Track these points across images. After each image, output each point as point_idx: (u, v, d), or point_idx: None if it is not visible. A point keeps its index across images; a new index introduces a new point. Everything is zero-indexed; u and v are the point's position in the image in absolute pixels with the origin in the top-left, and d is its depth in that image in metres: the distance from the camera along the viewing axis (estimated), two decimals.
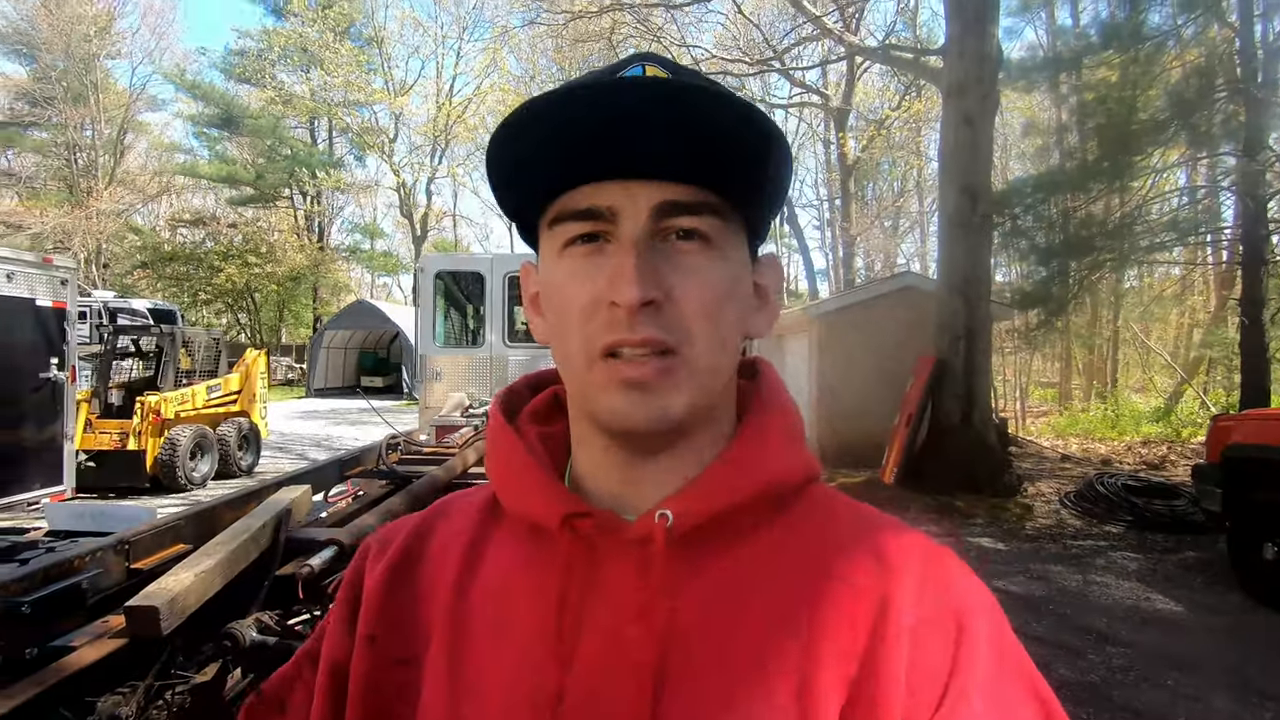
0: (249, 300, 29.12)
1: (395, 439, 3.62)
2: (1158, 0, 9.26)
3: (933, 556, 0.46)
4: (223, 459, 8.30)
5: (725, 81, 14.60)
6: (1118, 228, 10.09)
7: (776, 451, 0.47)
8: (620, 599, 0.43)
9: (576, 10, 15.53)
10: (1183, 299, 16.57)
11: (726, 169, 0.43)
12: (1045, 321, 10.28)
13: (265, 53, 27.89)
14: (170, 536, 1.97)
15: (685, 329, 0.42)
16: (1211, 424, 5.32)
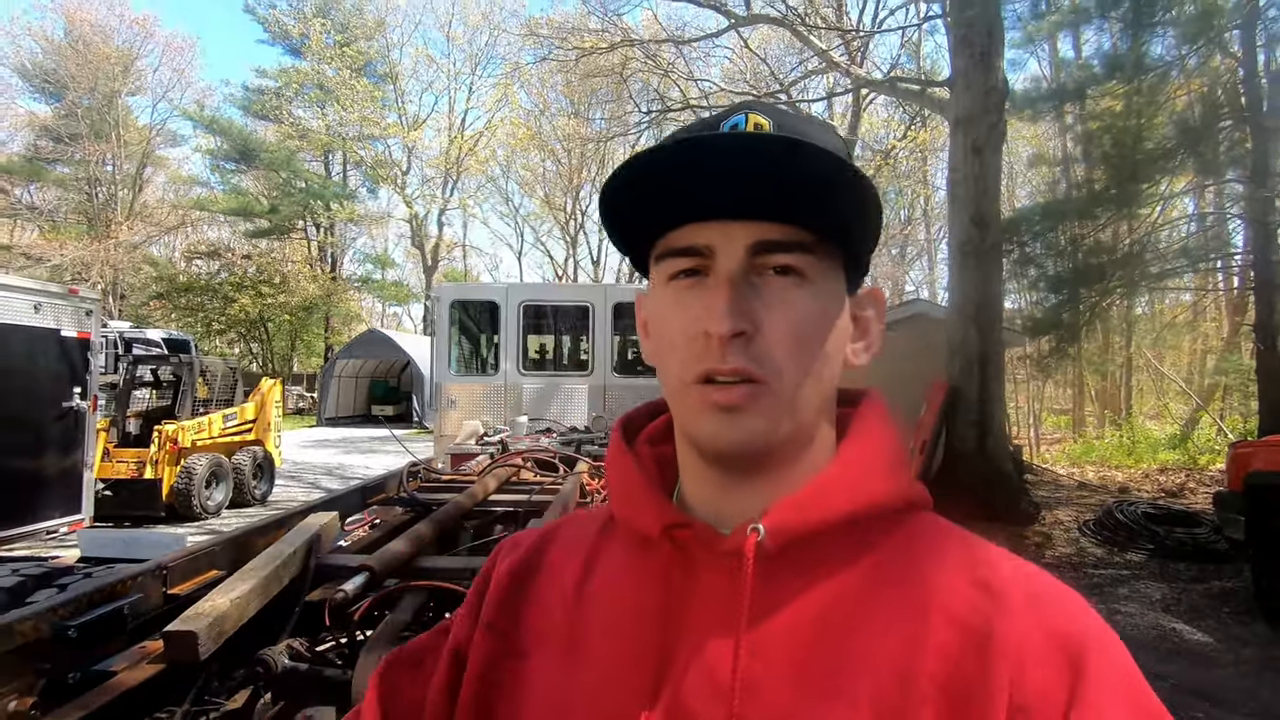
0: (262, 330, 29.43)
1: (416, 466, 3.64)
2: (1159, 32, 9.41)
3: (1043, 589, 0.45)
4: (237, 488, 8.33)
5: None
6: (1127, 255, 10.13)
7: (871, 476, 0.49)
8: (710, 607, 0.47)
9: (587, 46, 15.90)
10: (1195, 325, 16.50)
11: (814, 210, 0.46)
12: (1057, 348, 10.27)
13: (283, 90, 28.63)
14: (205, 562, 1.99)
15: (773, 360, 0.46)
16: (1232, 451, 5.28)
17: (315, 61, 28.08)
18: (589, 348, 6.76)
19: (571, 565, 0.55)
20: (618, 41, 15.35)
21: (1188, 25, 8.98)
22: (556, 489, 3.38)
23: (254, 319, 28.08)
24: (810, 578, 0.46)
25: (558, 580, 0.54)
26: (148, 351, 11.50)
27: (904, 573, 0.46)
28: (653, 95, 18.23)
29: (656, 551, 0.49)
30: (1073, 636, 0.42)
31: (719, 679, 0.44)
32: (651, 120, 17.98)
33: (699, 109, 17.42)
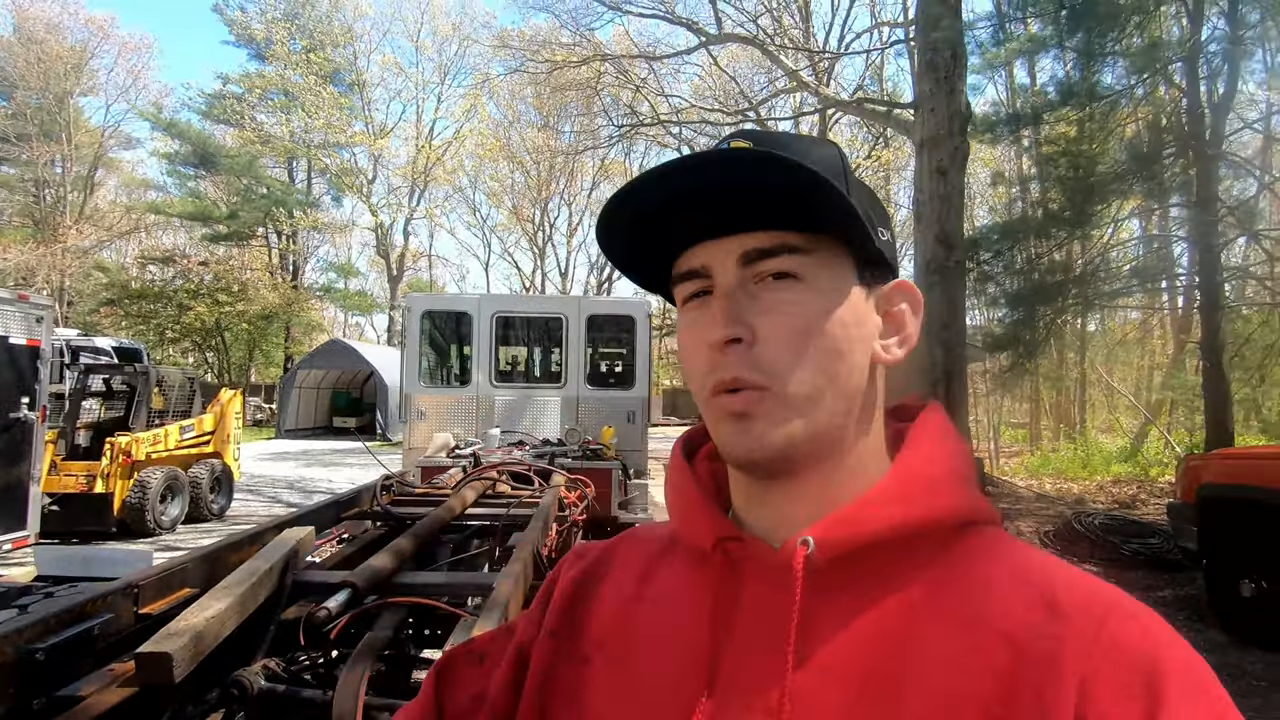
0: (218, 339, 28.58)
1: (389, 480, 3.56)
2: (1109, 62, 9.87)
3: (1119, 611, 0.42)
4: (194, 502, 8.04)
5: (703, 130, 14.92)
6: (1081, 274, 10.53)
7: (930, 488, 0.47)
8: (760, 620, 0.47)
9: (558, 60, 15.97)
10: (1144, 342, 17.19)
11: (796, 214, 0.47)
12: (1016, 363, 10.58)
13: (246, 95, 28.04)
14: (177, 580, 1.91)
15: (773, 364, 0.46)
16: (1184, 463, 5.49)
17: (281, 67, 27.58)
18: (562, 360, 6.72)
19: (632, 576, 0.56)
20: (590, 56, 15.44)
21: (1136, 57, 9.44)
22: (535, 502, 3.34)
23: (210, 328, 27.24)
24: (862, 592, 0.45)
25: (619, 590, 0.56)
26: (96, 360, 11.05)
27: (961, 590, 0.44)
28: (624, 110, 18.36)
29: (710, 564, 0.50)
30: (1150, 659, 0.39)
31: (767, 693, 0.44)
32: (622, 134, 18.09)
33: (669, 124, 17.61)
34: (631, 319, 6.74)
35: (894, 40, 16.22)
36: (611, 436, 5.97)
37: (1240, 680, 4.03)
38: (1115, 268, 11.09)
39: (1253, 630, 4.39)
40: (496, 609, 1.59)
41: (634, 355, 6.75)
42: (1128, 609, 0.42)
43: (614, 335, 7.13)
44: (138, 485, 7.27)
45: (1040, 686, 0.39)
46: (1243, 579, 4.54)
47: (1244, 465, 4.81)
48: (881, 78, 23.06)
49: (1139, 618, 0.41)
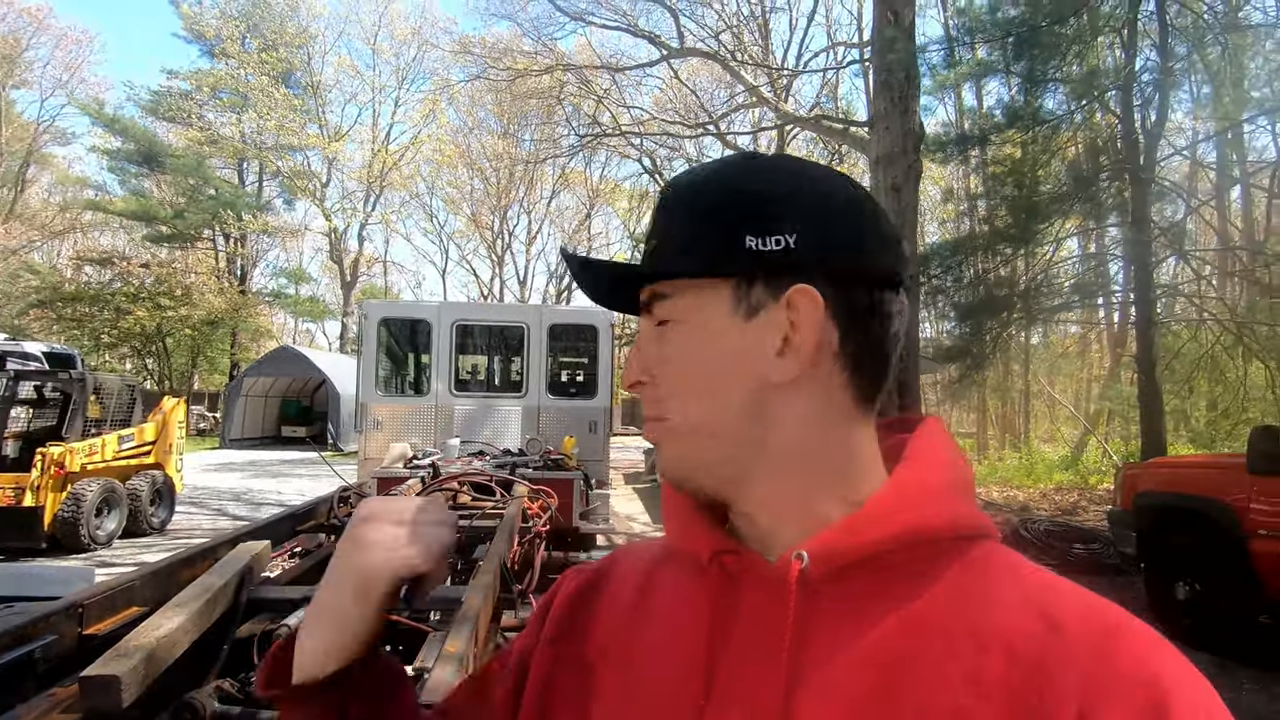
0: (159, 345, 27.39)
1: (347, 492, 3.47)
2: (1051, 88, 10.33)
3: (1119, 627, 0.41)
4: (132, 515, 7.67)
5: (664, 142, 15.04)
6: (1026, 289, 10.96)
7: (924, 501, 0.47)
8: (756, 633, 0.47)
9: (520, 68, 15.92)
10: (1083, 355, 17.98)
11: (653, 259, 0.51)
12: (965, 375, 10.92)
13: (194, 93, 27.08)
14: (124, 598, 1.82)
15: (661, 402, 0.51)
16: (1121, 472, 5.74)
17: (234, 66, 26.75)
18: (523, 369, 6.66)
19: (631, 586, 0.56)
20: (552, 65, 15.44)
21: (1075, 84, 9.91)
22: (499, 513, 3.30)
23: (150, 333, 26.08)
24: (859, 605, 0.45)
25: (619, 600, 0.56)
26: (25, 366, 10.47)
27: (958, 603, 0.44)
28: (585, 119, 18.39)
29: (707, 576, 0.50)
30: (1156, 683, 0.38)
31: (763, 706, 0.44)
32: (584, 144, 18.11)
33: (631, 135, 17.72)
34: (594, 328, 6.73)
35: (849, 60, 16.71)
36: (573, 446, 5.93)
37: None
38: (1057, 284, 11.57)
39: (1188, 631, 4.60)
40: (467, 622, 1.57)
41: (596, 365, 6.73)
42: (1130, 626, 0.41)
43: (576, 344, 7.10)
44: (71, 498, 6.89)
45: (1039, 705, 0.39)
46: (1177, 582, 4.77)
47: (1177, 474, 5.07)
48: (836, 96, 23.67)
49: (1143, 639, 0.41)
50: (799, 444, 0.49)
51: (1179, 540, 4.80)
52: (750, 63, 15.28)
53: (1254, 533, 4.25)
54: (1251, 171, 14.25)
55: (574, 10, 15.17)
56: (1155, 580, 5.00)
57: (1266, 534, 4.19)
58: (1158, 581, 4.96)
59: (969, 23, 10.15)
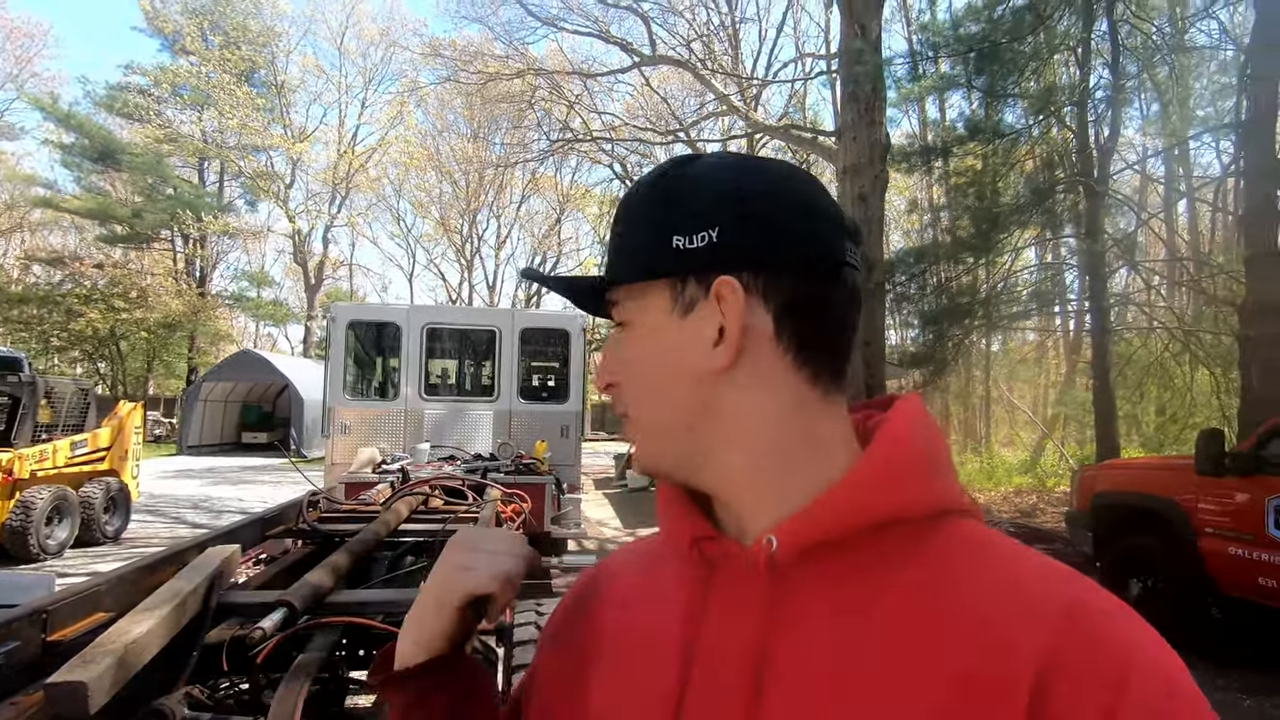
0: (113, 348, 26.48)
1: (316, 496, 3.41)
2: (1011, 103, 10.69)
3: (1088, 603, 0.41)
4: (84, 524, 7.40)
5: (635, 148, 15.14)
6: (986, 297, 11.28)
7: (898, 480, 0.47)
8: (730, 617, 0.48)
9: (491, 72, 15.85)
10: (1040, 362, 18.53)
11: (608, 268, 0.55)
12: (929, 380, 11.19)
13: (153, 89, 26.30)
14: (90, 604, 1.77)
15: (627, 402, 0.54)
16: (1078, 474, 5.94)
17: (195, 63, 26.07)
18: (494, 373, 6.62)
19: (628, 581, 0.59)
20: (523, 69, 15.41)
21: (1033, 99, 10.27)
22: (472, 516, 3.28)
23: (104, 336, 25.19)
24: (827, 587, 0.45)
25: (616, 595, 0.58)
26: None
27: (932, 582, 0.44)
28: (556, 124, 18.38)
29: (688, 563, 0.52)
30: (1118, 649, 0.39)
31: (734, 690, 0.45)
32: (554, 149, 18.08)
33: (602, 140, 17.77)
34: (565, 333, 6.73)
35: (817, 72, 17.01)
36: (544, 451, 5.92)
37: None
38: (1016, 292, 11.93)
39: None
40: None
41: (567, 369, 6.73)
42: (1096, 602, 0.41)
43: (547, 349, 7.09)
44: (20, 506, 6.63)
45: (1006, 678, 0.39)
46: (1131, 579, 4.95)
47: (1131, 475, 5.26)
48: (804, 106, 24.07)
49: (1109, 611, 0.41)
50: (757, 430, 0.49)
51: (1133, 539, 4.98)
52: (720, 72, 15.47)
53: (1202, 531, 4.44)
54: (1197, 186, 14.89)
55: (546, 15, 15.19)
56: (1110, 578, 5.16)
57: (1213, 532, 4.38)
58: (1112, 580, 5.13)
59: (932, 38, 10.45)
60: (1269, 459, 4.16)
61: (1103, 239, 9.87)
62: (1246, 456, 4.23)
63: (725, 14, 18.06)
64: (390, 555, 2.91)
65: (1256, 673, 4.35)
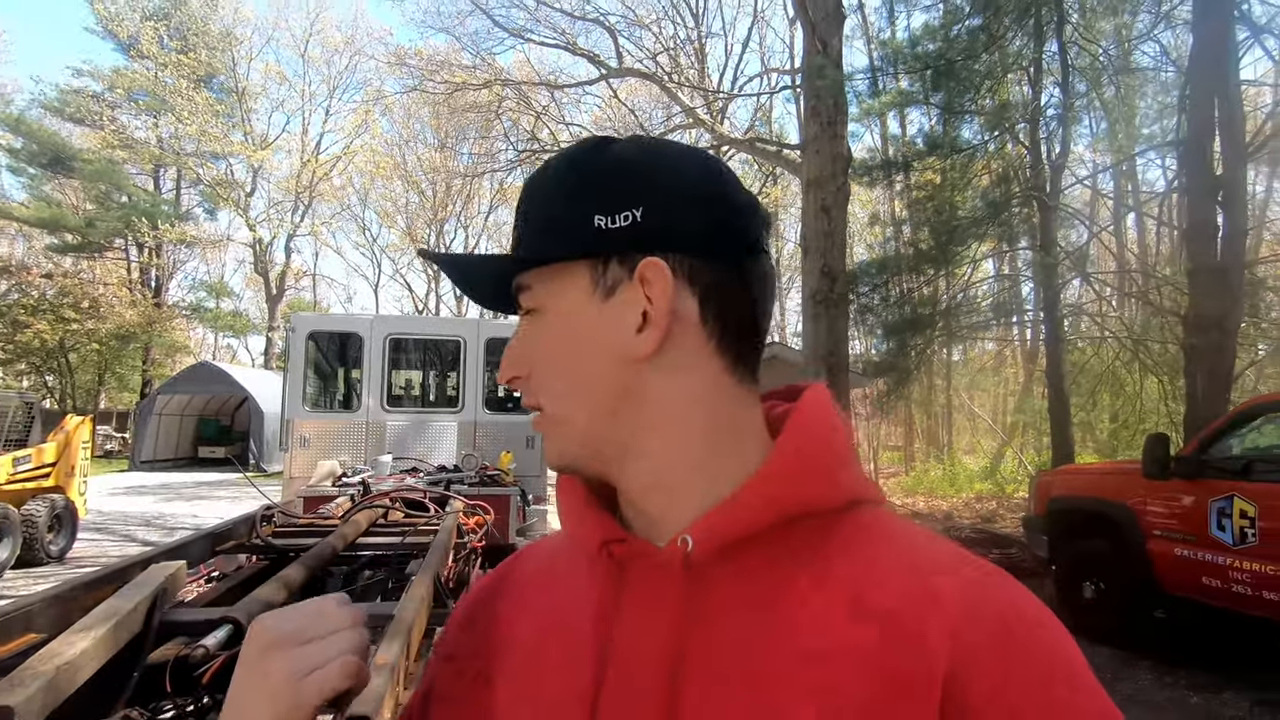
0: (62, 360, 25.51)
1: (270, 510, 3.32)
2: (967, 119, 11.01)
3: (983, 582, 0.43)
4: (26, 543, 7.09)
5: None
6: (947, 308, 11.56)
7: (805, 474, 0.46)
8: (640, 620, 0.46)
9: (458, 82, 15.79)
10: (999, 371, 19.00)
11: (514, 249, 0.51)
12: (894, 389, 11.39)
13: (107, 94, 25.55)
14: (19, 625, 1.69)
15: (537, 391, 0.50)
16: (1035, 480, 6.09)
17: (150, 67, 25.41)
18: (459, 383, 6.55)
19: (527, 588, 0.56)
20: (490, 80, 15.38)
21: (988, 116, 10.59)
22: (433, 530, 3.22)
23: (52, 347, 24.26)
24: (744, 584, 0.45)
25: (516, 604, 0.55)
26: None
27: (845, 574, 0.44)
28: (524, 135, 18.37)
29: (596, 566, 0.50)
30: (1007, 623, 0.41)
31: (650, 690, 0.44)
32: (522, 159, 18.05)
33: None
34: None
35: (782, 86, 17.31)
36: (510, 462, 5.86)
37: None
38: (976, 303, 12.25)
39: (1095, 628, 4.90)
40: (399, 635, 1.53)
41: None
42: (991, 580, 0.44)
43: None
44: None
45: (911, 662, 0.40)
46: (1084, 581, 5.08)
47: (1084, 480, 5.42)
48: (770, 120, 24.46)
49: (1000, 586, 0.43)
50: (682, 416, 0.48)
51: (1085, 543, 5.12)
52: (687, 85, 15.65)
53: (1150, 533, 4.59)
54: (1144, 201, 15.50)
55: (513, 26, 15.21)
56: (1064, 581, 5.30)
57: (1161, 534, 4.53)
58: (1067, 582, 5.27)
59: (891, 54, 10.72)
60: (1210, 463, 4.32)
61: (1056, 251, 10.19)
62: (1190, 460, 4.39)
63: (692, 29, 18.30)
64: (347, 569, 2.85)
65: (1203, 671, 4.49)
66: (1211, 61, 6.56)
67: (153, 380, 25.55)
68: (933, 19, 10.42)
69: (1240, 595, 3.95)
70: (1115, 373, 11.49)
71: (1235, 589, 3.97)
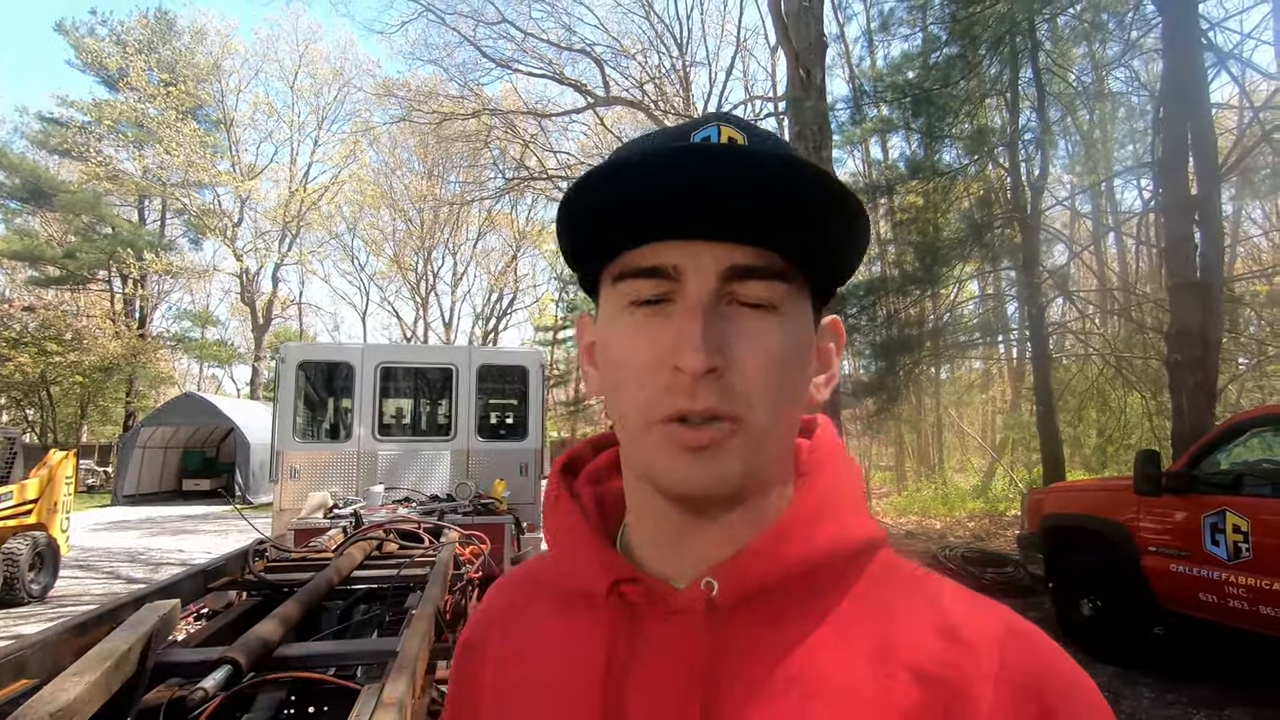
0: (44, 394, 25.12)
1: (263, 544, 3.27)
2: (948, 143, 11.25)
3: (1015, 634, 0.42)
4: (6, 583, 6.91)
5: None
6: (934, 328, 11.69)
7: (829, 518, 0.46)
8: (663, 668, 0.43)
9: (446, 112, 15.95)
10: (986, 388, 19.16)
11: (793, 232, 0.42)
12: (883, 409, 11.45)
13: (92, 125, 25.54)
14: (12, 671, 1.65)
15: (746, 396, 0.41)
16: (1028, 497, 6.11)
17: (136, 100, 25.45)
18: (451, 411, 6.52)
19: (503, 633, 0.52)
20: (478, 110, 15.55)
21: (968, 140, 10.83)
22: (429, 561, 3.19)
23: (33, 381, 23.90)
24: (769, 631, 0.43)
25: (496, 651, 0.51)
26: None
27: (868, 623, 0.43)
28: (510, 162, 18.53)
29: (599, 609, 0.46)
30: (1042, 682, 0.40)
31: None
32: (509, 187, 18.18)
33: (558, 179, 17.95)
34: (524, 369, 6.69)
35: (765, 114, 17.62)
36: (503, 490, 5.82)
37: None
38: (963, 322, 12.39)
39: (1094, 646, 4.88)
40: (405, 671, 1.51)
41: (526, 406, 6.67)
42: (1022, 633, 0.43)
43: (506, 386, 7.03)
44: None
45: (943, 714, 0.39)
46: (1082, 599, 5.08)
47: (1077, 496, 5.44)
48: None
49: (1032, 641, 0.42)
50: (788, 465, 0.48)
51: (1081, 559, 5.13)
52: (673, 112, 15.89)
53: (1145, 549, 4.60)
54: (1122, 221, 15.82)
55: (501, 57, 15.43)
56: (1062, 598, 5.29)
57: (1155, 550, 4.55)
58: (1064, 599, 5.26)
59: (872, 83, 10.97)
60: (1201, 478, 4.36)
61: (1038, 271, 10.36)
62: (1181, 476, 4.42)
63: (676, 58, 18.63)
64: (343, 604, 2.81)
65: (1205, 687, 4.48)
66: (1182, 87, 6.76)
67: (136, 412, 25.19)
68: (911, 47, 10.70)
69: (1238, 611, 3.96)
70: (1100, 389, 11.62)
71: (1232, 604, 3.98)
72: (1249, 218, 17.76)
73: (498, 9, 15.27)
